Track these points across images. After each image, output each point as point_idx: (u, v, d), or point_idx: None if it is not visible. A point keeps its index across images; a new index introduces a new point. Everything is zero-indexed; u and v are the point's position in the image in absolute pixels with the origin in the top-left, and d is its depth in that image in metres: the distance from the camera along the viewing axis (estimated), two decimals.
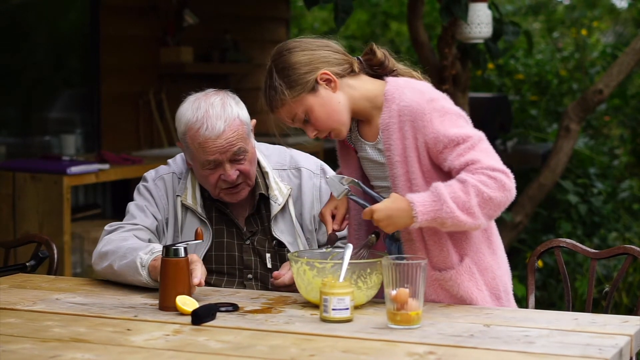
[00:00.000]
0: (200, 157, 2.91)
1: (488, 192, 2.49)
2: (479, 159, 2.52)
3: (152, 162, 4.92)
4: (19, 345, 2.27)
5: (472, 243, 2.66)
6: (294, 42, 2.70)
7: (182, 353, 2.21)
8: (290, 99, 2.64)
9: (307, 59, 2.65)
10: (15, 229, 5.06)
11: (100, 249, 2.93)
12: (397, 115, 2.60)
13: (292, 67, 2.64)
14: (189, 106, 2.94)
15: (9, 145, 5.67)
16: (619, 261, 6.00)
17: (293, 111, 2.67)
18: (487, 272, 2.68)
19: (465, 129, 2.57)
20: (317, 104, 2.64)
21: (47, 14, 6.03)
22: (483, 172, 2.51)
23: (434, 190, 2.51)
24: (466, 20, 4.94)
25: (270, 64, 2.69)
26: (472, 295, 2.64)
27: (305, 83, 2.64)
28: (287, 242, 3.01)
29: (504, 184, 2.51)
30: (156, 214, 3.03)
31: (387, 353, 2.20)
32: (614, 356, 2.16)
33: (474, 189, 2.49)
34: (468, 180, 2.49)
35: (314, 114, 2.65)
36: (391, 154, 2.62)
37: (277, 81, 2.65)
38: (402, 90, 2.63)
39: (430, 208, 2.49)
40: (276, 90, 2.66)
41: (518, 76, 8.31)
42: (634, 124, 7.94)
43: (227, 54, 6.99)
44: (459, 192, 2.49)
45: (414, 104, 2.59)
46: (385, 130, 2.62)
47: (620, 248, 3.04)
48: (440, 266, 2.64)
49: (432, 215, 2.49)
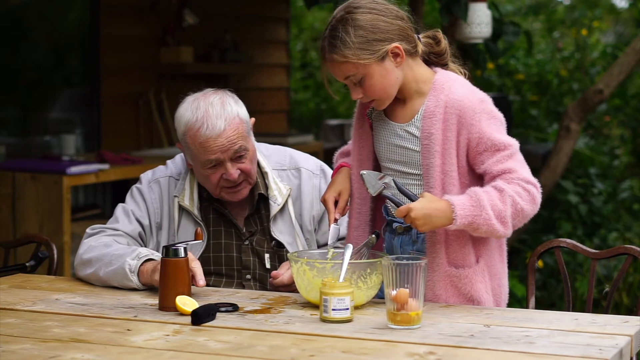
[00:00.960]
0: (201, 157, 2.91)
1: (522, 204, 2.55)
2: (516, 169, 2.58)
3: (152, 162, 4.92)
4: (18, 346, 2.27)
5: (488, 247, 2.69)
6: (374, 1, 2.64)
7: (182, 353, 2.21)
8: (356, 60, 2.58)
9: (385, 26, 2.61)
10: (15, 229, 5.06)
11: (83, 256, 2.95)
12: (444, 106, 2.62)
13: (368, 29, 2.59)
14: (188, 106, 2.93)
15: (9, 145, 5.67)
16: (619, 261, 6.00)
17: (352, 71, 2.61)
18: (496, 278, 2.71)
19: (507, 137, 2.63)
20: (378, 73, 2.61)
21: (47, 14, 6.03)
22: (519, 183, 2.57)
23: (473, 195, 2.55)
24: (466, 20, 4.94)
25: (345, 14, 2.60)
26: (481, 297, 2.66)
27: (377, 51, 2.59)
28: (286, 242, 3.01)
29: (534, 197, 2.58)
30: (142, 219, 3.03)
31: (387, 353, 2.20)
32: (614, 356, 2.15)
33: (511, 199, 2.54)
34: (505, 190, 2.55)
35: (371, 82, 2.62)
36: (430, 143, 2.62)
37: (350, 36, 2.58)
38: (453, 83, 2.66)
39: (469, 212, 2.52)
40: (344, 45, 2.58)
41: (518, 76, 8.31)
42: (634, 124, 7.94)
43: (227, 54, 6.99)
44: (497, 201, 2.54)
45: (466, 99, 2.61)
46: (429, 117, 2.63)
47: (620, 248, 3.04)
48: (457, 263, 2.65)
49: (469, 220, 2.53)
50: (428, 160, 2.63)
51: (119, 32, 6.19)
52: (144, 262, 2.82)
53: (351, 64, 2.59)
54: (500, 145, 2.60)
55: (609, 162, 7.79)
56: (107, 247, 2.92)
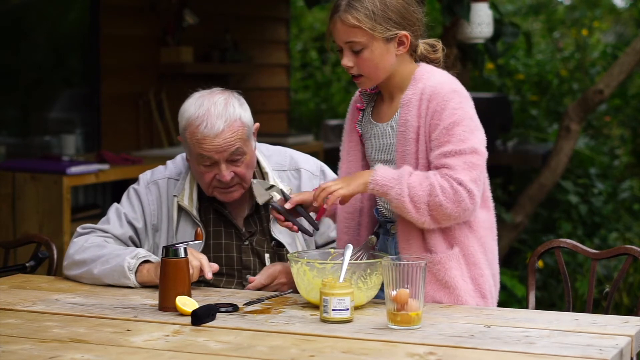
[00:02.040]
0: (196, 153, 2.92)
1: (441, 199, 2.55)
2: (455, 167, 2.57)
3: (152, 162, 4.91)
4: (18, 346, 2.27)
5: (462, 234, 2.67)
6: None
7: (182, 354, 2.21)
8: (367, 29, 2.60)
9: (406, 13, 2.65)
10: (15, 229, 5.06)
11: (74, 256, 2.96)
12: (420, 93, 2.64)
13: (391, 8, 2.62)
14: (193, 102, 2.94)
15: (9, 145, 5.67)
16: (620, 261, 6.00)
17: (358, 38, 2.62)
18: (476, 267, 2.68)
19: (465, 133, 2.58)
20: (379, 51, 2.63)
21: (47, 14, 6.03)
22: (449, 180, 2.56)
23: (400, 171, 2.59)
24: (468, 19, 4.94)
25: None
26: (456, 283, 2.65)
27: (390, 30, 2.62)
28: (285, 242, 3.01)
29: (460, 200, 2.55)
30: (136, 222, 3.03)
31: (387, 353, 2.20)
32: (614, 357, 2.15)
33: (430, 188, 2.55)
34: (430, 179, 2.57)
35: (370, 56, 2.63)
36: (406, 130, 2.64)
37: (372, 5, 2.60)
38: (433, 73, 2.68)
39: (386, 182, 2.58)
40: (365, 11, 2.60)
41: (518, 76, 8.31)
42: (634, 124, 7.93)
43: (227, 54, 6.99)
44: (417, 184, 2.56)
45: (439, 86, 2.63)
46: (406, 106, 2.65)
47: (620, 248, 3.04)
48: (431, 249, 2.65)
49: (383, 190, 2.58)
50: (402, 148, 2.65)
51: (119, 32, 6.19)
52: (142, 263, 2.85)
53: (361, 31, 2.61)
54: (452, 138, 2.58)
55: (609, 162, 7.79)
56: (100, 247, 2.93)
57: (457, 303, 2.65)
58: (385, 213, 2.74)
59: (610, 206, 7.23)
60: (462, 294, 2.66)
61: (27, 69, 5.90)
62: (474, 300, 2.67)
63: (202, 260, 2.80)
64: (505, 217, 6.26)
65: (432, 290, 2.66)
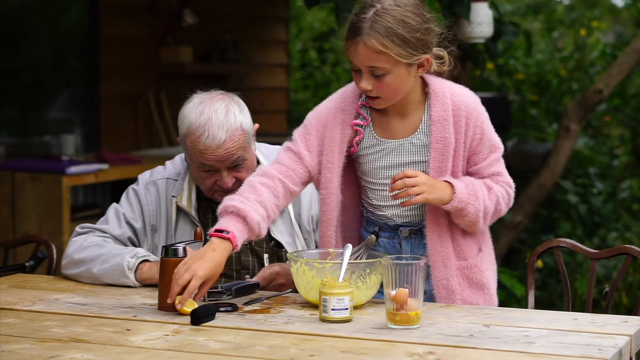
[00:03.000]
0: (198, 162, 2.91)
1: (502, 205, 2.70)
2: (503, 172, 2.71)
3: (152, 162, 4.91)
4: (18, 346, 2.27)
5: (485, 236, 2.78)
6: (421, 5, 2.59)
7: (182, 353, 2.21)
8: (392, 54, 2.51)
9: (426, 31, 2.56)
10: (15, 229, 5.06)
11: (73, 255, 2.96)
12: (451, 109, 2.63)
13: (413, 29, 2.53)
14: (193, 108, 2.91)
15: (9, 145, 5.67)
16: (619, 261, 6.00)
17: (382, 63, 2.53)
18: (493, 264, 2.82)
19: (496, 139, 2.73)
20: (402, 75, 2.56)
21: (47, 14, 6.03)
22: (504, 186, 2.70)
23: (470, 184, 2.63)
24: (468, 19, 4.94)
25: (396, 6, 2.53)
26: (489, 283, 2.75)
27: (414, 56, 2.54)
28: (285, 242, 3.01)
29: (510, 200, 2.73)
30: (134, 222, 3.03)
31: (386, 353, 2.20)
32: (613, 356, 2.15)
33: (496, 198, 2.67)
34: (494, 189, 2.67)
35: (392, 80, 2.55)
36: (444, 147, 2.62)
37: (399, 30, 2.50)
38: (450, 85, 2.68)
39: (466, 198, 2.60)
40: (390, 36, 2.49)
41: (518, 76, 8.31)
42: (633, 124, 7.93)
43: (227, 54, 6.99)
44: (487, 197, 2.65)
45: (470, 100, 2.66)
46: (439, 123, 2.62)
47: (620, 248, 3.04)
48: (465, 255, 2.71)
49: (463, 205, 2.61)
50: (440, 164, 2.63)
51: (118, 32, 6.19)
52: (141, 262, 2.86)
53: (385, 57, 2.51)
54: (493, 147, 2.70)
55: (608, 162, 7.79)
56: (100, 247, 2.94)
57: (490, 301, 2.75)
58: (394, 219, 2.73)
59: (609, 206, 7.23)
60: (493, 292, 2.77)
61: (27, 69, 5.90)
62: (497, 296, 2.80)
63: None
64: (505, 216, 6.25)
65: (468, 294, 2.70)
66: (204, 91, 2.97)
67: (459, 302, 2.68)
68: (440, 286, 2.67)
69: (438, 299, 2.68)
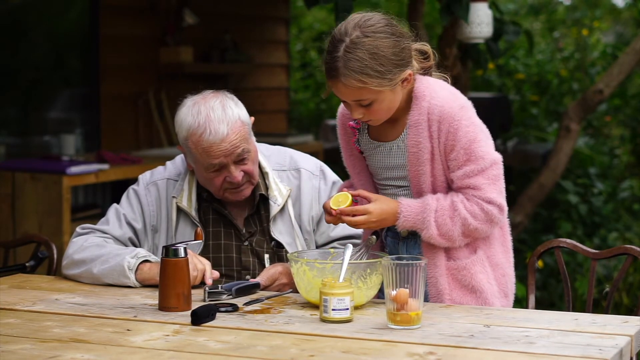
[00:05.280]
0: (204, 162, 2.91)
1: (475, 225, 2.59)
2: (481, 186, 2.58)
3: (152, 162, 4.92)
4: (18, 346, 2.27)
5: (487, 241, 2.70)
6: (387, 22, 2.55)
7: (182, 353, 2.21)
8: (375, 87, 2.51)
9: (402, 52, 2.53)
10: (15, 229, 5.06)
11: (74, 256, 2.96)
12: (427, 113, 2.59)
13: (389, 56, 2.51)
14: (189, 111, 2.92)
15: (9, 145, 5.67)
16: (619, 261, 6.00)
17: (366, 96, 2.54)
18: (498, 268, 2.72)
19: (482, 148, 2.59)
20: (389, 98, 2.56)
21: (47, 14, 6.03)
22: (478, 202, 2.58)
23: (424, 210, 2.59)
24: (467, 20, 4.94)
25: (363, 37, 2.50)
26: (483, 286, 2.67)
27: (395, 79, 2.53)
28: (285, 242, 3.01)
29: (492, 218, 2.60)
30: (135, 222, 3.03)
31: (387, 353, 2.20)
32: (614, 356, 2.15)
33: (462, 220, 2.58)
34: (459, 211, 2.58)
35: (380, 106, 2.56)
36: (418, 151, 2.60)
37: (371, 62, 2.48)
38: (433, 88, 2.62)
39: (413, 224, 2.61)
40: (365, 71, 2.48)
41: (518, 75, 8.31)
42: (634, 124, 7.93)
43: (227, 54, 6.99)
44: (447, 219, 2.59)
45: (446, 105, 2.58)
46: (414, 127, 2.60)
47: (620, 248, 3.04)
48: (455, 256, 2.67)
49: (413, 228, 2.62)
50: (418, 169, 2.61)
51: (118, 32, 6.19)
52: (142, 262, 2.86)
53: (366, 90, 2.52)
54: (472, 156, 2.57)
55: (608, 162, 7.78)
56: (100, 247, 2.94)
57: (484, 306, 2.67)
58: None
59: (610, 206, 7.23)
60: (489, 296, 2.68)
61: (26, 69, 5.90)
62: (499, 301, 2.70)
63: (206, 266, 2.81)
64: None
65: (457, 296, 2.67)
66: (194, 94, 2.97)
67: (447, 302, 2.67)
68: (431, 284, 2.66)
69: (429, 297, 2.68)
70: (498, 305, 2.70)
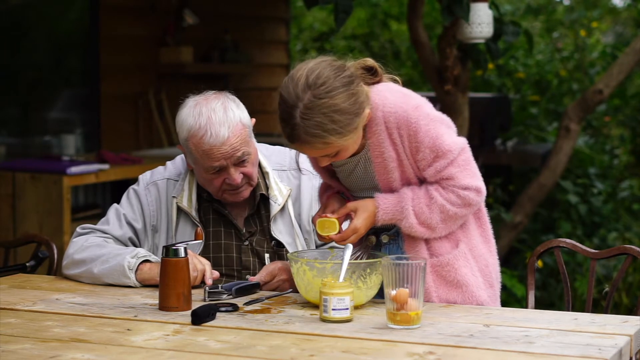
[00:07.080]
0: (204, 164, 2.91)
1: (453, 210, 2.60)
2: (454, 176, 2.58)
3: (152, 162, 4.92)
4: (18, 345, 2.27)
5: (466, 230, 2.69)
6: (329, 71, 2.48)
7: (182, 353, 2.21)
8: (337, 142, 2.49)
9: (356, 98, 2.48)
10: (15, 229, 5.06)
11: (74, 256, 2.97)
12: (383, 122, 2.56)
13: (346, 110, 2.46)
14: (190, 112, 2.91)
15: (9, 145, 5.68)
16: (619, 261, 6.00)
17: (329, 151, 2.53)
18: (481, 259, 2.71)
19: (447, 142, 2.56)
20: (351, 141, 2.53)
21: (47, 14, 6.04)
22: (454, 190, 2.59)
23: (401, 200, 2.59)
24: (467, 20, 4.94)
25: (315, 99, 2.44)
26: (467, 280, 2.66)
27: (357, 126, 2.50)
28: (285, 242, 3.01)
29: (469, 202, 2.60)
30: (135, 222, 3.04)
31: (387, 353, 2.20)
32: (613, 356, 2.16)
33: (439, 208, 2.59)
34: (436, 198, 2.58)
35: (344, 153, 2.56)
36: (384, 161, 2.59)
37: (331, 123, 2.44)
38: (384, 95, 2.58)
39: (390, 216, 2.61)
40: (328, 132, 2.44)
41: (518, 74, 8.31)
42: (633, 124, 7.94)
43: (227, 54, 6.99)
44: (424, 207, 2.59)
45: (400, 110, 2.55)
46: (374, 138, 2.58)
47: (620, 248, 3.04)
48: (437, 252, 2.66)
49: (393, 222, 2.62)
50: (386, 176, 2.61)
51: (118, 32, 6.19)
52: (142, 262, 2.86)
53: (332, 146, 2.51)
54: (439, 152, 2.55)
55: (608, 162, 7.79)
56: (100, 247, 2.94)
57: (471, 299, 2.66)
58: None
59: (609, 206, 7.23)
60: (474, 289, 2.67)
61: (27, 69, 5.90)
62: (485, 292, 2.70)
63: (206, 266, 2.82)
64: (505, 216, 6.27)
65: (444, 292, 2.67)
66: (195, 94, 2.97)
67: (435, 301, 2.66)
68: None
69: None
70: (484, 296, 2.68)
